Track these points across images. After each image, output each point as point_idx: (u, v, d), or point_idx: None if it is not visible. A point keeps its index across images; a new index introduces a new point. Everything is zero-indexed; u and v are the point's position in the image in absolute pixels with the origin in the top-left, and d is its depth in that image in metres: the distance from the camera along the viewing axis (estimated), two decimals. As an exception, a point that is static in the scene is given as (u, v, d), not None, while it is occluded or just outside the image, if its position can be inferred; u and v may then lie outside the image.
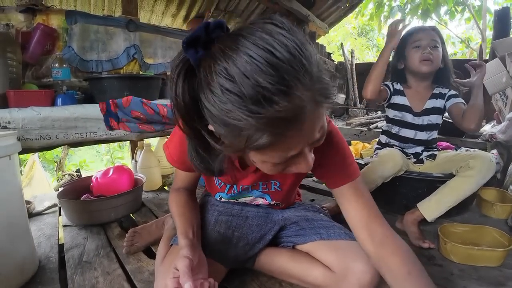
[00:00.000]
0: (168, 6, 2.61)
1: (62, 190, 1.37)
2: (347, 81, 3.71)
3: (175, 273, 0.54)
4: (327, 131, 0.66)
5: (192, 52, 0.42)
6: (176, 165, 0.78)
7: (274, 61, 0.36)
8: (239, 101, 0.37)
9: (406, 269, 0.58)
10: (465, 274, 0.88)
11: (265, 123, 0.38)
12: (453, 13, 5.43)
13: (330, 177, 0.69)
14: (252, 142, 0.39)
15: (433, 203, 1.09)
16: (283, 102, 0.37)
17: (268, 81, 0.36)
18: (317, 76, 0.40)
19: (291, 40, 0.38)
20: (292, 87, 0.37)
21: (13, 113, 1.06)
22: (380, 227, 0.64)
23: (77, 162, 3.73)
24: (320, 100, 0.41)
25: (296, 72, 0.37)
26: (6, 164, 0.82)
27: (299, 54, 0.38)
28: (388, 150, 1.21)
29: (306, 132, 0.43)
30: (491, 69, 1.75)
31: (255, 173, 0.75)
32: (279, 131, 0.39)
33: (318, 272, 0.75)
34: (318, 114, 0.43)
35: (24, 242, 0.90)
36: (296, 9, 2.63)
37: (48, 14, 1.51)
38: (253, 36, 0.39)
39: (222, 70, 0.38)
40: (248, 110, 0.37)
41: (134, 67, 1.83)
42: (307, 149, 0.48)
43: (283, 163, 0.48)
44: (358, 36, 9.12)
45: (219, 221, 0.82)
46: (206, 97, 0.41)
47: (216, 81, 0.39)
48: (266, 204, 0.88)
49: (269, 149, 0.42)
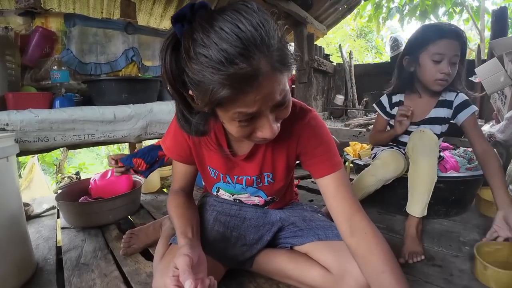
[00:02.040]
0: (166, 9, 2.62)
1: (60, 192, 1.37)
2: (345, 82, 3.71)
3: (175, 271, 0.54)
4: (313, 123, 0.73)
5: (178, 26, 0.51)
6: (174, 156, 0.81)
7: (237, 31, 0.45)
8: (208, 62, 0.46)
9: (381, 268, 0.60)
10: (465, 274, 0.87)
11: (226, 78, 0.45)
12: (451, 14, 5.45)
13: (314, 165, 0.73)
14: (216, 94, 0.47)
15: (411, 199, 1.08)
16: (242, 63, 0.45)
17: (231, 46, 0.45)
18: (277, 47, 0.48)
19: (256, 17, 0.47)
20: (250, 52, 0.45)
21: (11, 115, 1.06)
22: (360, 221, 0.66)
23: (77, 165, 3.73)
24: (276, 66, 0.49)
25: (255, 40, 0.46)
26: (4, 166, 0.82)
27: (261, 28, 0.46)
28: (390, 152, 1.18)
29: (264, 92, 0.49)
30: (489, 69, 1.74)
31: (246, 162, 0.77)
32: (238, 86, 0.47)
33: (316, 273, 0.75)
34: (276, 78, 0.50)
35: (21, 244, 0.90)
36: (294, 11, 2.64)
37: (47, 17, 1.51)
38: (225, 13, 0.47)
39: (197, 39, 0.47)
40: (213, 68, 0.46)
41: (132, 70, 1.83)
42: (270, 115, 0.54)
43: (248, 125, 0.55)
44: (357, 37, 9.15)
45: (218, 221, 0.83)
46: (185, 63, 0.50)
47: (192, 48, 0.48)
48: (262, 202, 0.88)
49: (231, 104, 0.50)
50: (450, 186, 1.19)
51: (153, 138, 1.49)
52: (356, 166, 1.52)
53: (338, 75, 3.83)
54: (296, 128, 0.72)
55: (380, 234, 0.65)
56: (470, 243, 1.04)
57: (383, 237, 0.65)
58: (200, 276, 0.56)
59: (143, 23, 2.59)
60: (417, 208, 1.05)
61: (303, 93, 3.00)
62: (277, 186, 0.84)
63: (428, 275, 0.87)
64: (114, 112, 1.29)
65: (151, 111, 1.40)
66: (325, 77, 3.71)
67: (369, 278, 0.62)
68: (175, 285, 0.52)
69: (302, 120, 0.73)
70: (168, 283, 0.53)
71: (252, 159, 0.77)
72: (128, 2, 1.93)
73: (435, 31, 1.06)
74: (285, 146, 0.75)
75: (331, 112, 3.71)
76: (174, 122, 0.81)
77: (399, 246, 1.01)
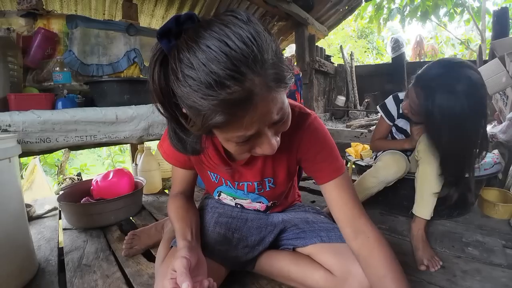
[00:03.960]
0: (168, 11, 2.63)
1: (62, 193, 1.37)
2: (346, 83, 3.72)
3: (173, 274, 0.54)
4: (313, 127, 0.71)
5: (165, 42, 0.47)
6: (172, 161, 0.80)
7: (226, 50, 0.41)
8: (196, 86, 0.42)
9: (382, 272, 0.61)
10: (468, 275, 0.87)
11: (218, 105, 0.42)
12: (452, 15, 5.45)
13: (316, 172, 0.72)
14: (208, 120, 0.44)
15: (419, 201, 1.07)
16: (234, 86, 0.41)
17: (220, 68, 0.40)
18: (271, 63, 0.44)
19: (246, 31, 0.42)
20: (242, 73, 0.41)
21: (14, 116, 1.06)
22: (363, 225, 0.66)
23: (78, 166, 3.73)
24: (272, 85, 0.45)
25: (246, 59, 0.41)
26: (6, 167, 0.82)
27: (252, 43, 0.42)
28: (392, 154, 1.17)
29: (260, 113, 0.46)
30: (490, 70, 1.74)
31: (245, 168, 0.76)
32: (231, 111, 0.43)
33: (319, 276, 0.75)
34: (272, 98, 0.46)
35: (23, 245, 0.90)
36: (295, 12, 2.65)
37: (49, 19, 1.52)
38: (212, 28, 0.43)
39: (184, 59, 0.43)
40: (203, 93, 0.42)
41: (134, 71, 1.84)
42: (269, 131, 0.51)
43: (245, 144, 0.51)
44: (358, 38, 9.16)
45: (219, 223, 0.82)
46: (173, 83, 0.46)
47: (179, 68, 0.44)
48: (263, 208, 0.88)
49: (226, 128, 0.47)
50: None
51: (155, 139, 1.49)
52: (358, 167, 1.52)
53: (339, 76, 3.83)
54: (296, 134, 0.70)
55: (383, 238, 0.65)
56: (473, 244, 1.04)
57: (386, 241, 0.65)
58: (199, 278, 0.56)
59: (145, 24, 2.60)
60: (426, 210, 1.04)
61: (304, 94, 3.00)
62: (279, 191, 0.84)
63: (431, 276, 0.87)
64: (116, 113, 1.29)
65: (153, 112, 1.40)
66: (326, 78, 3.71)
67: (371, 282, 0.63)
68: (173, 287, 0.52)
69: (302, 125, 0.70)
70: (166, 285, 0.53)
71: (252, 165, 0.75)
72: (130, 3, 1.93)
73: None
74: (285, 152, 0.73)
75: (332, 113, 3.71)
76: None
77: (402, 247, 1.01)
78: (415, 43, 7.91)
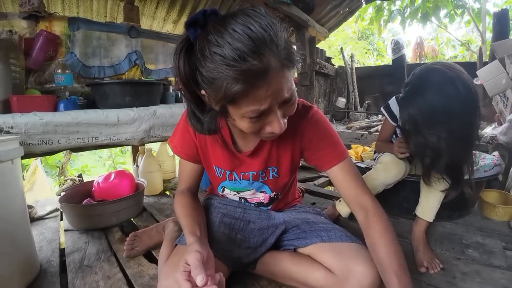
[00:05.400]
0: (169, 13, 2.64)
1: (64, 194, 1.37)
2: (347, 85, 3.72)
3: (186, 267, 0.55)
4: (315, 118, 0.77)
5: (192, 31, 0.56)
6: (181, 155, 0.85)
7: (249, 32, 0.50)
8: (222, 60, 0.50)
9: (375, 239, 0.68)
10: (468, 277, 0.87)
11: (239, 74, 0.49)
12: (452, 16, 5.46)
13: (321, 158, 0.78)
14: (229, 89, 0.51)
15: (424, 203, 1.07)
16: (254, 60, 0.49)
17: (243, 45, 0.49)
18: (284, 46, 0.53)
19: (265, 20, 0.52)
20: (261, 50, 0.50)
21: (16, 118, 1.07)
22: (365, 202, 0.73)
23: (79, 167, 3.74)
24: (284, 62, 0.53)
25: (265, 40, 0.50)
26: (9, 168, 0.83)
27: (269, 29, 0.51)
28: (391, 156, 1.16)
29: (274, 87, 0.53)
30: (491, 71, 1.75)
31: (251, 158, 0.79)
32: (250, 81, 0.50)
33: (320, 275, 0.75)
34: (284, 74, 0.54)
35: (25, 246, 0.91)
36: (295, 14, 2.66)
37: (51, 21, 1.53)
38: (237, 17, 0.52)
39: (212, 40, 0.52)
40: (228, 64, 0.50)
41: (136, 73, 1.85)
42: (278, 111, 0.58)
43: (257, 121, 0.58)
44: (359, 40, 9.17)
45: (223, 223, 0.83)
46: (199, 63, 0.54)
47: (207, 48, 0.52)
48: (266, 199, 0.89)
49: (243, 100, 0.53)
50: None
51: (156, 141, 1.50)
52: (359, 169, 1.52)
53: (340, 77, 3.84)
54: (300, 125, 0.77)
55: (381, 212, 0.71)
56: (473, 245, 1.04)
57: (383, 214, 0.71)
58: (208, 272, 0.57)
59: (146, 26, 2.60)
60: (430, 212, 1.05)
61: (305, 96, 3.01)
62: (281, 181, 0.86)
63: (431, 278, 0.87)
64: (118, 115, 1.30)
65: (154, 114, 1.41)
66: (326, 80, 3.72)
67: (368, 248, 0.70)
68: (186, 280, 0.53)
69: (305, 116, 0.77)
70: (179, 277, 0.54)
71: (257, 155, 0.80)
72: (131, 6, 1.94)
73: None
74: (290, 143, 0.79)
75: (333, 114, 3.72)
76: (181, 121, 0.83)
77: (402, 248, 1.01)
78: (415, 45, 7.91)
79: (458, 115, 0.88)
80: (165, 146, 2.01)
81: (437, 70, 0.93)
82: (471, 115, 0.90)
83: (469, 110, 0.89)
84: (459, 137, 0.89)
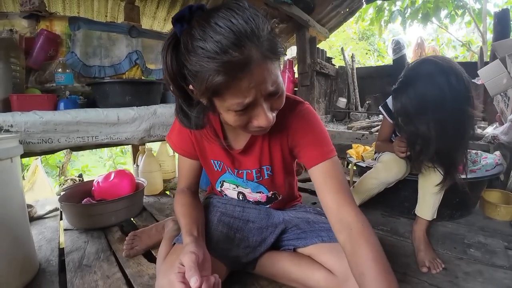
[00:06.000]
0: (169, 13, 2.64)
1: (63, 194, 1.37)
2: (348, 85, 3.72)
3: (181, 268, 0.55)
4: (304, 113, 0.74)
5: (178, 26, 0.56)
6: (179, 151, 0.85)
7: (230, 25, 0.50)
8: (204, 53, 0.51)
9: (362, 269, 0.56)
10: (470, 277, 0.86)
11: (220, 65, 0.50)
12: (453, 17, 5.45)
13: (304, 156, 0.74)
14: (211, 81, 0.51)
15: (422, 202, 1.07)
16: (235, 52, 0.49)
17: (225, 38, 0.49)
18: (266, 37, 0.53)
19: (247, 13, 0.52)
20: (242, 42, 0.50)
21: (16, 117, 1.07)
22: (347, 216, 0.63)
23: (80, 167, 3.74)
24: (266, 54, 0.53)
25: (246, 32, 0.50)
26: (8, 167, 0.83)
27: (251, 22, 0.51)
28: (392, 155, 1.15)
29: (256, 79, 0.53)
30: (491, 71, 1.74)
31: (243, 155, 0.79)
32: (232, 73, 0.50)
33: (320, 276, 0.74)
34: (267, 66, 0.54)
35: (24, 244, 0.90)
36: (296, 14, 2.65)
37: (52, 20, 1.53)
38: (219, 11, 0.52)
39: (195, 34, 0.52)
40: (209, 57, 0.50)
41: (136, 73, 1.84)
42: (264, 104, 0.57)
43: (244, 114, 0.57)
44: (359, 40, 9.16)
45: (222, 222, 0.83)
46: (184, 57, 0.54)
47: (191, 42, 0.53)
48: (264, 199, 0.88)
49: (227, 92, 0.53)
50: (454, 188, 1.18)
51: (156, 140, 1.50)
52: (359, 168, 1.52)
53: (341, 78, 3.83)
54: (288, 120, 0.74)
55: (368, 230, 0.61)
56: (475, 245, 1.03)
57: (370, 233, 0.60)
58: (204, 273, 0.56)
59: (147, 26, 2.61)
60: (428, 211, 1.04)
61: (305, 96, 3.00)
62: (277, 180, 0.85)
63: (433, 278, 0.86)
64: (118, 114, 1.30)
65: (155, 114, 1.41)
66: (327, 80, 3.71)
67: (355, 278, 0.59)
68: (180, 281, 0.52)
69: (293, 111, 0.75)
70: (174, 279, 0.53)
71: (249, 152, 0.79)
72: (132, 6, 1.94)
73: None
74: (279, 139, 0.77)
75: (333, 115, 3.71)
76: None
77: (404, 249, 1.00)
78: (416, 45, 7.89)
79: (448, 103, 0.88)
80: (166, 145, 2.00)
81: (429, 61, 0.94)
82: (462, 103, 0.89)
83: (459, 98, 0.89)
84: (449, 125, 0.90)
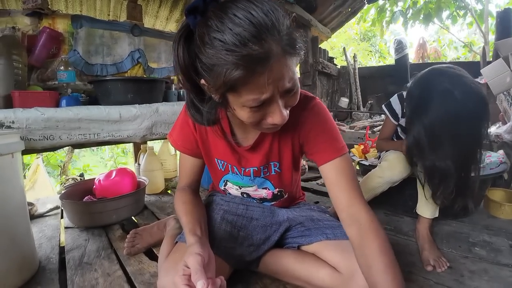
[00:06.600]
0: (172, 12, 2.65)
1: (64, 191, 1.36)
2: (350, 85, 3.71)
3: (185, 270, 0.53)
4: (316, 109, 0.73)
5: (191, 18, 0.53)
6: (181, 149, 0.82)
7: (250, 17, 0.48)
8: (222, 45, 0.48)
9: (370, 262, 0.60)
10: (475, 275, 0.85)
11: (239, 59, 0.47)
12: (455, 18, 5.45)
13: (316, 152, 0.73)
14: (229, 75, 0.49)
15: (421, 200, 1.06)
16: (255, 46, 0.47)
17: (244, 30, 0.47)
18: (285, 32, 0.51)
19: (267, 6, 0.50)
20: (262, 35, 0.48)
21: (17, 113, 1.06)
22: (357, 211, 0.66)
23: (81, 167, 3.74)
24: (286, 49, 0.51)
25: (266, 25, 0.48)
26: (9, 162, 0.82)
27: (271, 15, 0.49)
28: (397, 154, 1.14)
29: (275, 74, 0.51)
30: (495, 70, 1.73)
31: (251, 153, 0.77)
32: (250, 67, 0.48)
33: (324, 273, 0.73)
34: (286, 61, 0.52)
35: (24, 242, 0.89)
36: (298, 13, 2.65)
37: (54, 18, 1.53)
38: (238, 2, 0.50)
39: (212, 26, 0.50)
40: (228, 50, 0.48)
41: (138, 71, 1.84)
42: (280, 101, 0.55)
43: (258, 111, 0.55)
44: (361, 41, 9.16)
45: (225, 220, 0.82)
46: (199, 50, 0.52)
47: (207, 34, 0.50)
48: (269, 196, 0.87)
49: (243, 88, 0.51)
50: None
51: (158, 138, 1.49)
52: (362, 167, 1.51)
53: (343, 77, 3.83)
54: (300, 115, 0.73)
55: (376, 226, 0.64)
56: (480, 244, 1.02)
57: (379, 229, 0.63)
58: (209, 275, 0.54)
59: (149, 25, 2.61)
60: (428, 209, 1.03)
61: (307, 96, 2.99)
62: (284, 177, 0.84)
63: (438, 277, 0.85)
64: (120, 112, 1.29)
65: (157, 112, 1.40)
66: (329, 80, 3.71)
67: (361, 271, 0.63)
68: (185, 285, 0.51)
69: (306, 107, 0.73)
70: (178, 281, 0.51)
71: (257, 150, 0.77)
72: (135, 4, 1.95)
73: None
74: (290, 135, 0.76)
75: (335, 114, 3.70)
76: (181, 115, 0.82)
77: (408, 247, 0.99)
78: (418, 46, 7.88)
79: (468, 131, 0.87)
80: (167, 144, 2.00)
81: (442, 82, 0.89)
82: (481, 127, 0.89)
83: (478, 124, 0.88)
84: (469, 154, 0.90)
